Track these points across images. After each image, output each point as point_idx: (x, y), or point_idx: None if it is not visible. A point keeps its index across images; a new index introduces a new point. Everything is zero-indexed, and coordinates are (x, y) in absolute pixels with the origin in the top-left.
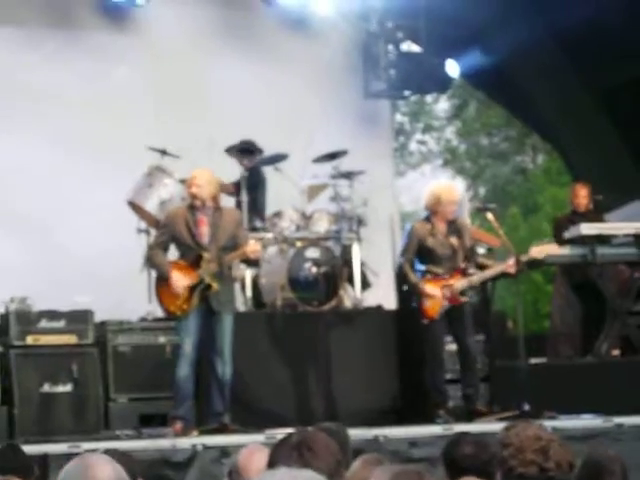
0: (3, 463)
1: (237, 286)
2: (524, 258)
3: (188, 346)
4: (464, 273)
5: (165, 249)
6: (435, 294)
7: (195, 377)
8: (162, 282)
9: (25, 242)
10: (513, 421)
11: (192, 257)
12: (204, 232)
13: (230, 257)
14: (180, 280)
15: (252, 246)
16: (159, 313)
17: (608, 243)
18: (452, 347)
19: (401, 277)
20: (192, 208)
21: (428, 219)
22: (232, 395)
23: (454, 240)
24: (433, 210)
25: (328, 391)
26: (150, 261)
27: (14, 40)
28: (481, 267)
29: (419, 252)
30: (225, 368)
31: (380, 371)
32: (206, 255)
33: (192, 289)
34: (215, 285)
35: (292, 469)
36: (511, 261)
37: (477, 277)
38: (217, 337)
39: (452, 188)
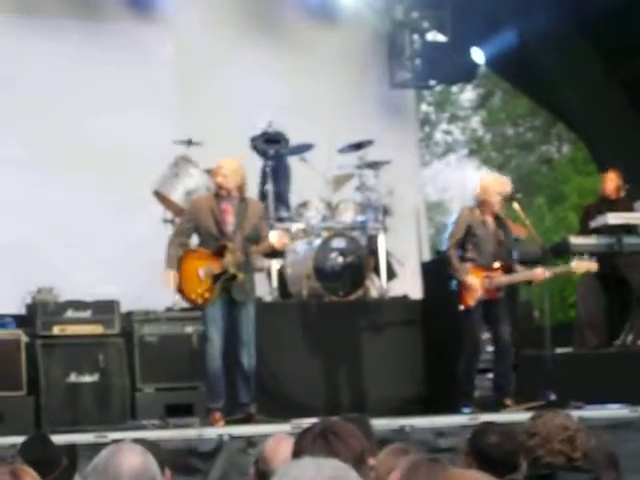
0: (31, 454)
1: (263, 276)
2: (561, 269)
3: (217, 336)
4: (508, 270)
5: (188, 236)
6: (475, 285)
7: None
8: (179, 271)
9: (51, 232)
10: (539, 411)
11: (215, 246)
12: (229, 221)
13: (257, 249)
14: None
15: (281, 238)
16: (185, 303)
17: (635, 232)
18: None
19: (444, 261)
20: (217, 197)
21: (479, 206)
22: (258, 385)
23: (501, 235)
24: (480, 200)
25: (354, 381)
26: (167, 247)
27: (39, 32)
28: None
29: (464, 238)
30: (251, 359)
31: (405, 361)
32: (231, 245)
33: (215, 278)
34: (240, 275)
35: (317, 458)
36: (539, 271)
37: (518, 276)
38: (242, 328)
39: (500, 179)
